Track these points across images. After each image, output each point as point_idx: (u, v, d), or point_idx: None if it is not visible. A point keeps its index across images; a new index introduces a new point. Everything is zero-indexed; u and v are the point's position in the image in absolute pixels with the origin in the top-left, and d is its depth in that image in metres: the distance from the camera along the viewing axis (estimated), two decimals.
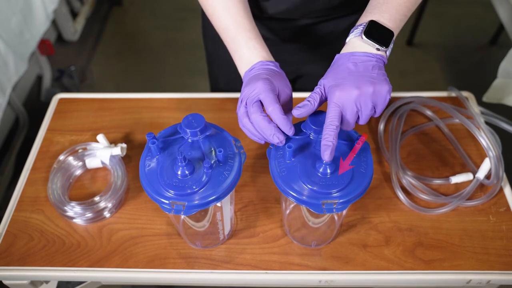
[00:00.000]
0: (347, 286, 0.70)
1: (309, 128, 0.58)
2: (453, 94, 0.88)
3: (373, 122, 0.85)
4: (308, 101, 0.57)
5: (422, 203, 0.73)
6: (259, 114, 0.57)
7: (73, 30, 2.09)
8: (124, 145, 0.79)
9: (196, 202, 0.54)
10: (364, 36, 0.59)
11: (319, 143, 0.58)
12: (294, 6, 0.77)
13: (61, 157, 0.78)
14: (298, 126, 0.60)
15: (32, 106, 1.72)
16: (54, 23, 2.02)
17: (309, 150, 0.58)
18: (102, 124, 0.86)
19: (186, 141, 0.59)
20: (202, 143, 0.59)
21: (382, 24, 0.60)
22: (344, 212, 0.65)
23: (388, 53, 0.60)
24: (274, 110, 0.56)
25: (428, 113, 0.85)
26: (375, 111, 0.57)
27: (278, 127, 0.57)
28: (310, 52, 0.91)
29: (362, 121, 0.58)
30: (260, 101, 0.58)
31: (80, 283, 0.74)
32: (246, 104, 0.58)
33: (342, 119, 0.57)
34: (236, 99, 0.89)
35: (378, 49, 0.59)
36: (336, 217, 0.67)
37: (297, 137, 0.59)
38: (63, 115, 0.88)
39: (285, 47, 0.89)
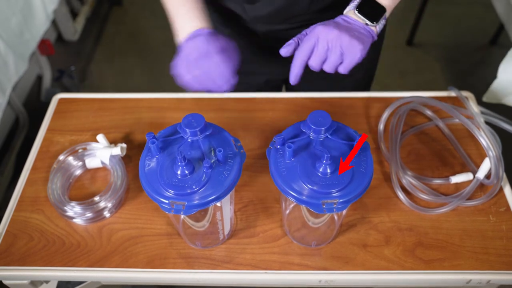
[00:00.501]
0: (347, 286, 0.70)
1: (309, 128, 0.58)
2: (453, 94, 0.88)
3: (373, 122, 0.85)
4: (293, 40, 0.64)
5: (422, 203, 0.73)
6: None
7: (73, 30, 2.09)
8: (124, 145, 0.79)
9: (196, 202, 0.54)
10: (356, 11, 0.65)
11: (319, 143, 0.58)
12: (276, 10, 0.77)
13: (61, 157, 0.78)
14: (298, 126, 0.60)
15: (32, 106, 1.72)
16: (54, 23, 2.02)
17: (309, 150, 0.58)
18: (102, 124, 0.86)
19: (186, 141, 0.59)
20: (202, 143, 0.59)
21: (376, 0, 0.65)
22: (344, 212, 0.65)
23: (378, 28, 0.66)
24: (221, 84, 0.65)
25: (428, 113, 0.85)
26: (342, 63, 0.64)
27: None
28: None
29: (327, 66, 0.64)
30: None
31: (80, 283, 0.74)
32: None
33: (311, 54, 0.64)
34: (237, 99, 0.89)
35: (366, 24, 0.65)
36: (336, 217, 0.67)
37: (297, 138, 0.59)
38: (63, 115, 0.88)
39: (268, 52, 0.89)
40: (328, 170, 0.55)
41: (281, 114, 0.86)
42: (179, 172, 0.56)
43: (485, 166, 0.74)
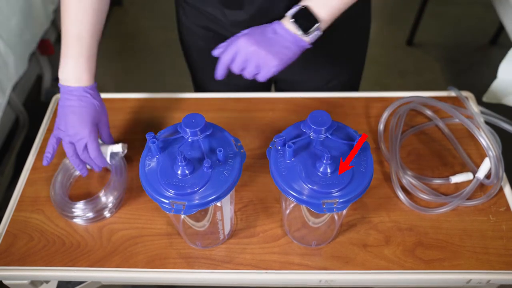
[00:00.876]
0: (347, 286, 0.70)
1: (309, 128, 0.58)
2: (453, 94, 0.88)
3: (373, 122, 0.85)
4: (223, 44, 0.69)
5: (422, 202, 0.73)
6: (90, 158, 0.72)
7: None
8: (125, 144, 0.79)
9: (196, 201, 0.54)
10: (291, 19, 0.67)
11: (319, 142, 0.58)
12: (254, 15, 0.78)
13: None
14: (298, 126, 0.60)
15: (32, 106, 1.72)
16: (54, 23, 2.02)
17: (309, 150, 0.58)
18: None
19: (186, 140, 0.59)
20: (202, 142, 0.59)
21: (313, 11, 0.66)
22: (344, 211, 0.65)
23: (311, 38, 0.68)
24: (95, 157, 0.72)
25: (428, 113, 0.85)
26: (259, 73, 0.69)
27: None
28: None
29: (245, 73, 0.69)
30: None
31: (80, 283, 0.74)
32: (71, 143, 0.71)
33: (232, 61, 0.69)
34: (237, 99, 0.89)
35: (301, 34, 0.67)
36: (336, 217, 0.67)
37: (297, 139, 0.59)
38: None
39: None
40: (328, 170, 0.55)
41: (281, 114, 0.86)
42: (179, 172, 0.56)
43: (485, 166, 0.74)
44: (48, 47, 1.75)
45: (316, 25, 0.67)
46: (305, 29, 0.67)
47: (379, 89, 2.01)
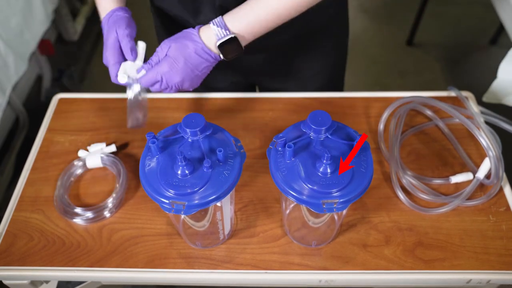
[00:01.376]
0: (347, 286, 0.70)
1: (309, 128, 0.58)
2: (453, 94, 0.88)
3: (373, 122, 0.85)
4: (149, 63, 0.70)
5: (422, 203, 0.73)
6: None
7: (73, 30, 2.09)
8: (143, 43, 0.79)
9: (196, 201, 0.54)
10: (218, 44, 0.66)
11: (319, 142, 0.58)
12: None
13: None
14: (298, 126, 0.60)
15: (32, 106, 1.72)
16: (54, 23, 2.02)
17: (309, 150, 0.58)
18: (102, 124, 0.86)
19: (186, 140, 0.59)
20: (202, 142, 0.59)
21: (238, 39, 0.66)
22: (344, 211, 0.65)
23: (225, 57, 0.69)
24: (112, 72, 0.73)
25: (428, 113, 0.85)
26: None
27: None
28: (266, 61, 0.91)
29: (154, 89, 0.71)
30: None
31: (80, 283, 0.74)
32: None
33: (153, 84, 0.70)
34: (237, 99, 0.90)
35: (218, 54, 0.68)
36: (336, 217, 0.67)
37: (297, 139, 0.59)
38: (63, 115, 0.88)
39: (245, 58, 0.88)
40: (328, 170, 0.55)
41: (281, 114, 0.86)
42: (179, 172, 0.56)
43: (485, 166, 0.74)
44: (48, 47, 1.75)
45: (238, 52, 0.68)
46: (227, 56, 0.68)
47: (379, 89, 2.01)
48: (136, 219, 0.73)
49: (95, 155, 0.78)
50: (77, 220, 0.72)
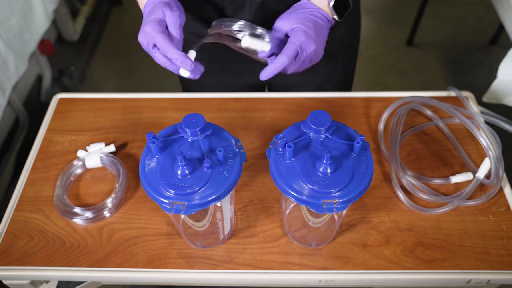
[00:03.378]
0: (347, 286, 0.70)
1: (309, 128, 0.58)
2: (453, 94, 0.88)
3: (373, 122, 0.85)
4: (270, 50, 0.67)
5: (422, 203, 0.73)
6: (162, 57, 0.64)
7: (73, 30, 2.09)
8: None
9: (196, 201, 0.54)
10: (331, 4, 0.68)
11: (319, 143, 0.58)
12: (255, 16, 0.77)
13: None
14: (298, 126, 0.60)
15: (32, 106, 1.72)
16: (54, 23, 2.02)
17: (309, 150, 0.58)
18: (102, 124, 0.86)
19: (186, 140, 0.59)
20: (202, 142, 0.59)
21: None
22: (344, 211, 0.65)
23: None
24: (169, 52, 0.62)
25: (428, 113, 0.85)
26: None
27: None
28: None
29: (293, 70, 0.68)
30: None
31: (80, 283, 0.74)
32: (148, 46, 0.64)
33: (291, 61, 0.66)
34: (237, 99, 0.89)
35: (333, 18, 0.69)
36: (336, 217, 0.67)
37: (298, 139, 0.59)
38: (63, 115, 0.88)
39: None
40: (328, 170, 0.55)
41: (281, 114, 0.86)
42: (179, 172, 0.56)
43: (485, 166, 0.74)
44: (48, 47, 1.75)
45: (348, 9, 0.69)
46: (340, 15, 0.69)
47: (379, 89, 2.01)
48: (136, 219, 0.73)
49: (94, 155, 0.78)
50: (77, 220, 0.72)
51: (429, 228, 0.70)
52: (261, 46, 0.67)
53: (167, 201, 0.55)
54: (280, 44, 0.68)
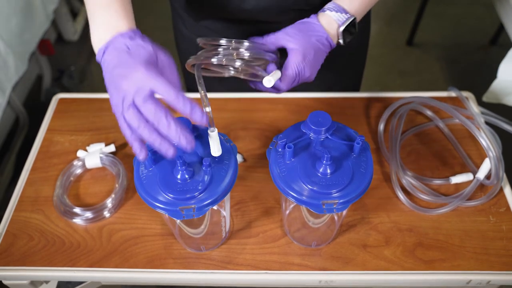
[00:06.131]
0: (347, 286, 0.70)
1: (309, 128, 0.58)
2: (453, 94, 0.88)
3: (373, 122, 0.85)
4: (277, 68, 0.62)
5: (422, 203, 0.73)
6: (161, 111, 0.48)
7: (73, 30, 2.09)
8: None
9: (207, 201, 0.54)
10: (341, 29, 0.64)
11: (319, 143, 0.58)
12: (269, 4, 0.74)
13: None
14: (298, 126, 0.60)
15: (32, 106, 1.72)
16: (54, 23, 2.02)
17: (309, 150, 0.58)
18: (102, 124, 0.86)
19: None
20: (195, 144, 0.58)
21: (354, 20, 0.65)
22: (344, 212, 0.65)
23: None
24: (178, 98, 0.47)
25: (428, 113, 0.84)
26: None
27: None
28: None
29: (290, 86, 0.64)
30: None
31: (80, 283, 0.74)
32: (133, 102, 0.49)
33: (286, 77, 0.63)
34: (237, 99, 0.89)
35: (338, 42, 0.66)
36: (336, 217, 0.67)
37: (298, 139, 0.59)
38: (63, 115, 0.88)
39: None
40: (328, 171, 0.55)
41: (281, 114, 0.86)
42: (179, 177, 0.55)
43: (485, 167, 0.74)
44: (48, 47, 1.75)
45: (354, 35, 0.66)
46: (345, 40, 0.66)
47: (379, 89, 2.01)
48: (136, 219, 0.73)
49: (94, 155, 0.78)
50: (77, 220, 0.72)
51: (429, 228, 0.70)
52: (277, 76, 0.63)
53: (177, 208, 0.54)
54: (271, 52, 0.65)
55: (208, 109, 0.52)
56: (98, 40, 0.54)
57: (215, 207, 0.60)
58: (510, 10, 1.30)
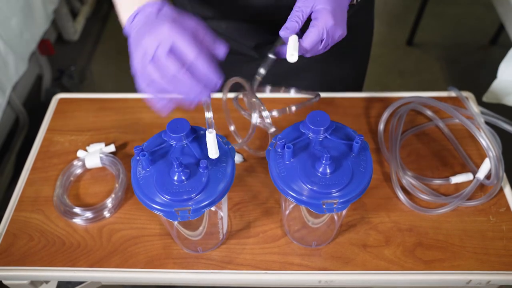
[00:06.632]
0: (347, 286, 0.70)
1: (308, 128, 0.58)
2: (453, 94, 0.88)
3: (373, 122, 0.85)
4: (296, 21, 0.58)
5: (422, 203, 0.73)
6: (179, 69, 0.46)
7: (73, 30, 2.10)
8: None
9: (204, 203, 0.54)
10: None
11: (318, 143, 0.58)
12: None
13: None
14: (297, 126, 0.60)
15: (32, 106, 1.72)
16: (54, 23, 2.02)
17: (308, 150, 0.58)
18: (102, 124, 0.86)
19: (175, 147, 0.59)
20: (192, 146, 0.58)
21: None
22: (344, 212, 0.65)
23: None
24: (198, 57, 0.45)
25: (428, 113, 0.84)
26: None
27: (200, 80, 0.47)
28: None
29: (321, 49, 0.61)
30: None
31: (80, 283, 0.74)
32: (153, 57, 0.47)
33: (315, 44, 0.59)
34: (237, 99, 0.89)
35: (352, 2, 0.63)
36: (336, 217, 0.67)
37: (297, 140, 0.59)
38: (63, 115, 0.88)
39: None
40: (328, 170, 0.55)
41: (281, 114, 0.86)
42: (175, 178, 0.55)
43: (485, 167, 0.74)
44: (48, 47, 1.75)
45: None
46: None
47: (379, 89, 2.01)
48: (136, 219, 0.73)
49: (94, 155, 0.78)
50: (77, 220, 0.72)
51: (429, 228, 0.70)
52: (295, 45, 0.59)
53: (172, 210, 0.54)
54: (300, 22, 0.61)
55: (209, 114, 0.53)
56: (127, 12, 0.53)
57: (213, 208, 0.60)
58: (510, 10, 1.30)
